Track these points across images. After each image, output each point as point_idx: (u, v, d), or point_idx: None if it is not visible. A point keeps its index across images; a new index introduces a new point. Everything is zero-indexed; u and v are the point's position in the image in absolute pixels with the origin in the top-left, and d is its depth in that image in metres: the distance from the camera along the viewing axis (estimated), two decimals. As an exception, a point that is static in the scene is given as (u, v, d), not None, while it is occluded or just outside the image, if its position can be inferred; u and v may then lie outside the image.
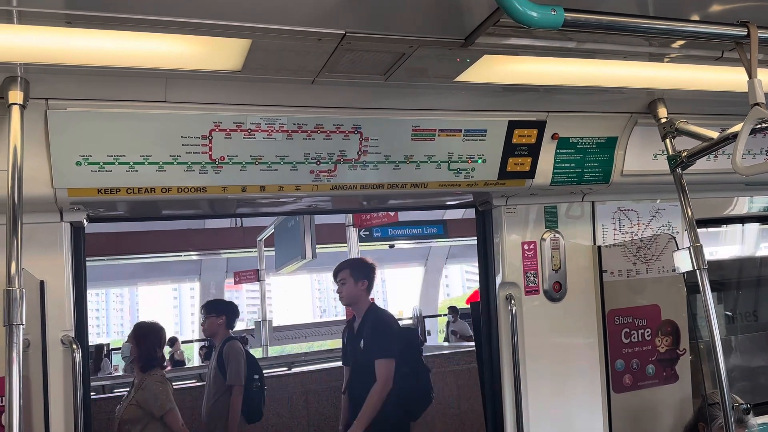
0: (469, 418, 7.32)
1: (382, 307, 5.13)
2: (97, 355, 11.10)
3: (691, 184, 2.64)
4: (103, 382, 8.39)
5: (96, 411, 5.81)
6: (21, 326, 1.79)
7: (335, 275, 4.89)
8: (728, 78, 2.38)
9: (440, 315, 19.91)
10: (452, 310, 15.05)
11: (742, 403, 3.08)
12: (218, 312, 5.86)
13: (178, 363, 12.98)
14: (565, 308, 3.22)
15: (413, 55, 2.00)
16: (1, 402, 2.28)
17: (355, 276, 4.82)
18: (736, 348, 4.11)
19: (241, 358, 5.62)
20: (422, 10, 1.78)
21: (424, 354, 8.73)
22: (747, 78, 2.00)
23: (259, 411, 5.90)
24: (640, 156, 3.01)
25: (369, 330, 4.71)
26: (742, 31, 1.95)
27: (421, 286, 21.04)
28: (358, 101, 2.44)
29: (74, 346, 2.45)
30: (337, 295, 4.95)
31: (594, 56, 2.18)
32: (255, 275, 12.96)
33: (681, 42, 2.12)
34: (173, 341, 13.82)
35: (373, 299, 5.14)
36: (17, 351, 1.77)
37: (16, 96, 1.95)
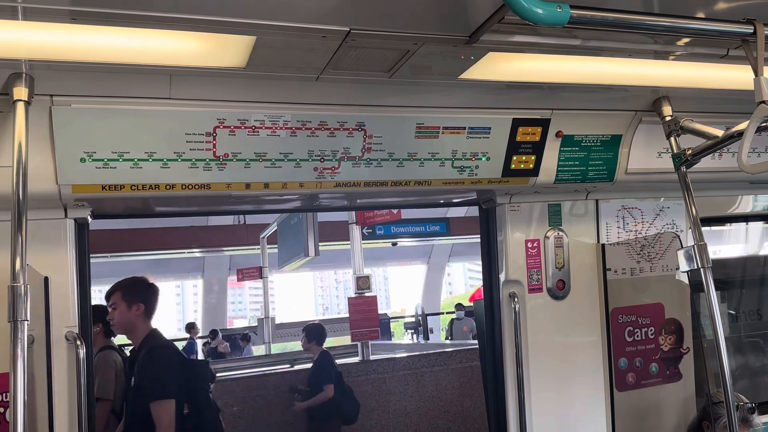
0: (472, 415, 7.33)
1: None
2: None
3: (695, 183, 2.63)
4: (107, 379, 8.38)
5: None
6: (25, 322, 1.79)
7: (106, 298, 4.13)
8: (734, 76, 2.38)
9: (443, 313, 19.95)
10: (459, 306, 15.18)
11: (747, 403, 3.07)
12: (94, 320, 5.48)
13: (220, 355, 13.10)
14: (568, 306, 3.21)
15: (417, 52, 2.00)
16: (6, 398, 2.29)
17: (128, 299, 4.02)
18: (740, 347, 4.11)
19: (111, 370, 4.98)
20: (427, 7, 1.78)
21: (427, 351, 8.77)
22: (753, 76, 2.00)
23: None
24: (645, 154, 3.00)
25: (142, 364, 3.91)
26: (749, 29, 1.94)
27: (423, 283, 21.07)
28: (362, 98, 2.44)
29: (78, 342, 2.46)
30: (339, 292, 4.80)
31: (599, 54, 2.17)
32: (258, 272, 12.98)
33: (686, 39, 2.11)
34: (215, 334, 13.97)
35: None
36: (21, 347, 1.77)
37: (20, 92, 1.95)
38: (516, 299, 3.10)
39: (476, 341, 11.62)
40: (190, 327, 14.60)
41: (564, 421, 3.18)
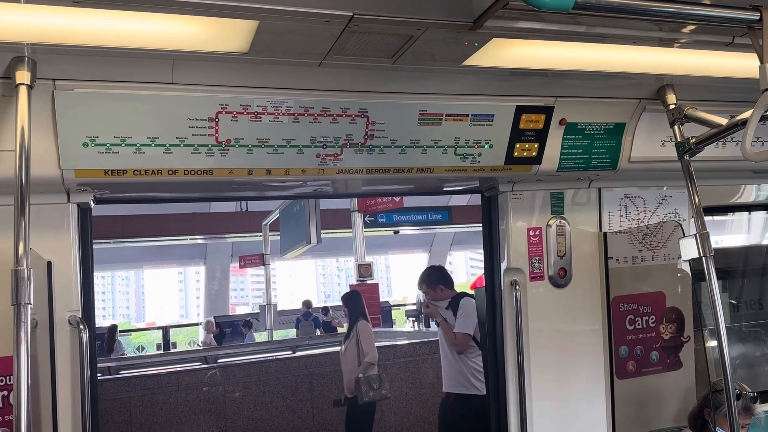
0: (472, 403, 7.35)
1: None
2: (110, 336, 11.19)
3: (698, 172, 2.63)
4: (109, 364, 8.47)
5: (101, 392, 5.87)
6: (29, 306, 1.80)
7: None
8: (739, 64, 2.36)
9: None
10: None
11: (750, 392, 3.08)
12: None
13: (332, 329, 13.25)
14: (569, 294, 3.22)
15: (421, 38, 1.99)
16: (10, 381, 2.31)
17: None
18: (741, 336, 4.12)
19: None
20: (431, -8, 1.77)
21: (428, 339, 8.77)
22: (758, 64, 1.99)
23: None
24: (648, 142, 2.99)
25: None
26: (755, 16, 1.93)
27: (425, 272, 21.06)
28: (364, 85, 2.43)
29: (81, 327, 2.47)
30: (341, 280, 4.76)
31: (603, 41, 2.16)
32: (260, 259, 13.02)
33: (692, 27, 2.10)
34: (326, 310, 14.14)
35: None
36: (25, 330, 1.78)
37: (23, 76, 1.95)
38: (517, 287, 3.11)
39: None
40: (309, 303, 15.09)
41: (564, 409, 3.19)
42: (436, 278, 5.21)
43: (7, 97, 2.06)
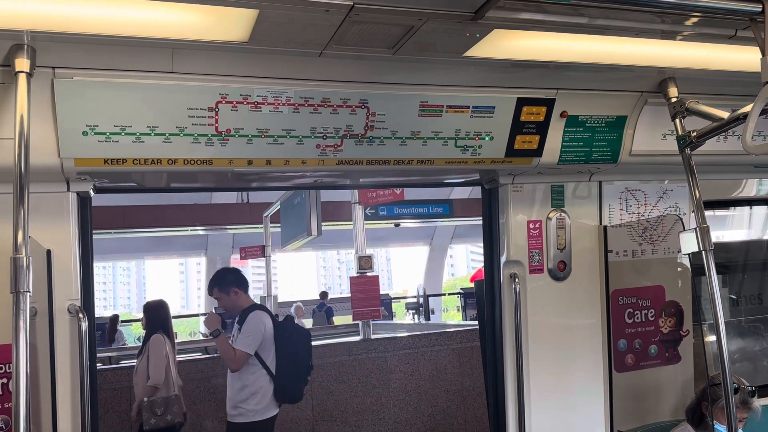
0: (471, 395, 7.38)
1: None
2: (111, 326, 11.20)
3: (699, 166, 2.62)
4: (110, 354, 8.49)
5: (102, 381, 5.89)
6: (27, 294, 1.80)
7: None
8: (741, 57, 2.35)
9: (444, 294, 20.03)
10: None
11: (748, 386, 3.09)
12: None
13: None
14: (569, 288, 3.22)
15: (422, 28, 1.98)
16: (9, 369, 2.31)
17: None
18: (741, 331, 4.12)
19: None
20: (432, -18, 1.76)
21: (428, 331, 8.79)
22: (760, 57, 1.97)
23: None
24: (649, 136, 2.98)
25: None
26: (757, 7, 1.92)
27: (425, 265, 21.12)
28: (365, 75, 2.42)
29: (81, 315, 2.47)
30: (342, 272, 4.61)
31: (605, 33, 2.15)
32: (261, 251, 13.00)
33: (694, 19, 2.09)
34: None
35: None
36: (24, 318, 1.78)
37: (22, 64, 1.95)
38: (517, 280, 3.11)
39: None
40: (325, 294, 16.43)
41: (562, 402, 3.20)
42: (230, 280, 4.76)
43: (6, 84, 2.05)
